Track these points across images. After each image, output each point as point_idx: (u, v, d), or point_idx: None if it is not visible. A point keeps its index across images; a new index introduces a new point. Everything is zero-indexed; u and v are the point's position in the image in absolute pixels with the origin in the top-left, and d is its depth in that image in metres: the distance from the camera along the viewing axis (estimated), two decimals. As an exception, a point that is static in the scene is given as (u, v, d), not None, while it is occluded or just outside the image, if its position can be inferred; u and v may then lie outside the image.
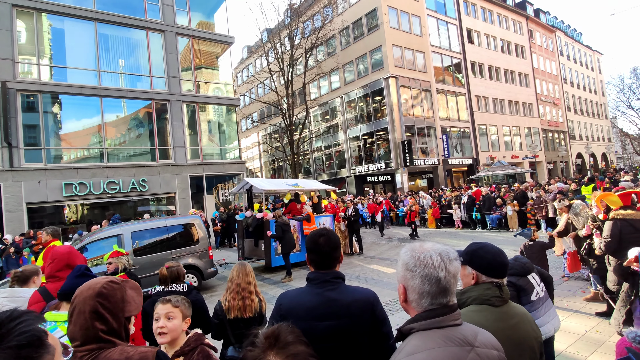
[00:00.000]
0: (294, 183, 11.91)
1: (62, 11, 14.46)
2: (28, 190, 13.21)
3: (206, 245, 8.31)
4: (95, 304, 1.31)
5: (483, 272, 1.61)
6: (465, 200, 14.90)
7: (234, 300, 2.79)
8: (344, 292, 1.62)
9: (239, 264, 3.01)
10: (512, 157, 30.84)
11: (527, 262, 2.87)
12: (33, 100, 13.88)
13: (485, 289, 1.55)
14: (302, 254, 9.95)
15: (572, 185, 13.33)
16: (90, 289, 1.35)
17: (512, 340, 1.41)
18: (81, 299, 1.33)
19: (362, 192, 26.38)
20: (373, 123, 25.52)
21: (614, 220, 4.17)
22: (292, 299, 1.65)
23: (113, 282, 1.40)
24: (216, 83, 19.51)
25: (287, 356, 0.91)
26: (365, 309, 1.58)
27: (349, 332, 1.53)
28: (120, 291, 1.40)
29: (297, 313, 1.55)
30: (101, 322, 1.31)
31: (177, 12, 17.47)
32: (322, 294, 1.59)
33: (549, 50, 39.44)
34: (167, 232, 7.96)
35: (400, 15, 25.57)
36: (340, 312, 1.55)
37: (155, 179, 15.85)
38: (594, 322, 4.70)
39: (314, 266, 1.70)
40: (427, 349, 1.07)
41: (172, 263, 3.28)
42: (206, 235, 8.43)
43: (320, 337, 1.50)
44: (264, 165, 38.21)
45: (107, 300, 1.34)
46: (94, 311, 1.31)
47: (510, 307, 1.56)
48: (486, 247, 1.66)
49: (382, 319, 1.61)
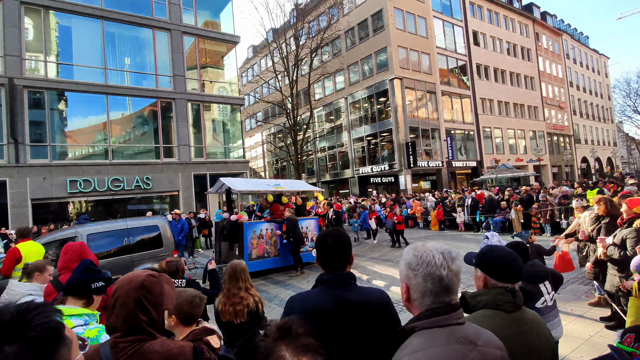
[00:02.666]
0: (276, 184, 11.29)
1: (69, 9, 14.59)
2: (33, 187, 13.32)
3: (171, 249, 7.81)
4: (138, 296, 1.34)
5: (492, 276, 1.57)
6: (469, 202, 14.85)
7: (225, 306, 2.79)
8: (359, 293, 1.59)
9: (230, 265, 2.96)
10: (516, 160, 30.70)
11: (542, 269, 2.79)
12: (39, 97, 14.00)
13: (498, 293, 1.51)
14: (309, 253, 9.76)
15: (578, 189, 13.25)
16: (132, 281, 1.37)
17: (525, 348, 1.38)
18: (124, 291, 1.35)
19: (365, 193, 26.36)
20: (377, 124, 25.51)
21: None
22: (306, 302, 1.59)
23: (153, 275, 1.43)
24: (221, 82, 19.59)
25: (298, 347, 0.93)
26: (381, 308, 1.57)
27: (367, 333, 1.52)
28: (160, 284, 1.42)
29: (314, 316, 1.49)
30: (144, 313, 1.34)
31: (184, 11, 17.56)
32: (338, 295, 1.55)
33: (555, 53, 39.23)
34: (127, 235, 7.39)
35: (406, 17, 25.55)
36: (358, 314, 1.53)
37: (159, 176, 15.93)
38: (598, 327, 4.67)
39: (326, 267, 1.66)
40: (430, 347, 1.07)
41: (172, 258, 3.28)
42: (172, 239, 7.93)
43: (339, 339, 1.49)
44: (268, 164, 38.30)
45: (149, 292, 1.37)
46: (138, 302, 1.33)
47: (523, 313, 1.52)
48: (497, 251, 1.62)
49: (396, 317, 1.61)
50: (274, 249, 9.49)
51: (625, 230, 4.07)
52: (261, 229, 9.38)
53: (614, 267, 4.24)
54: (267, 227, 9.48)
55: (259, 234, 9.29)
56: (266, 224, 9.54)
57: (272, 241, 9.44)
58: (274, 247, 9.50)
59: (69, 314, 1.76)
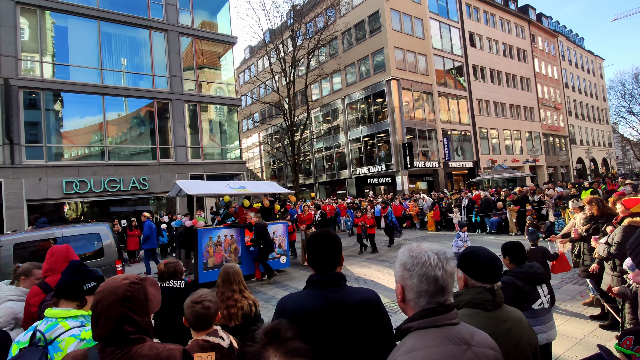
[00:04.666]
0: (241, 186, 10.36)
1: (65, 9, 14.51)
2: (29, 188, 13.23)
3: (113, 258, 7.11)
4: (122, 310, 1.31)
5: (472, 276, 1.61)
6: (466, 203, 14.91)
7: (219, 309, 2.77)
8: (348, 293, 1.61)
9: (223, 269, 2.95)
10: (512, 161, 30.85)
11: (541, 272, 2.81)
12: (35, 97, 13.92)
13: (478, 292, 1.56)
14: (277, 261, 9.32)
15: (572, 190, 13.33)
16: (113, 294, 1.33)
17: (504, 345, 1.40)
18: (105, 305, 1.31)
19: (362, 194, 26.39)
20: (374, 125, 25.55)
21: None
22: (295, 302, 1.61)
23: (134, 282, 1.39)
24: (218, 83, 19.55)
25: (287, 351, 0.92)
26: (371, 309, 1.58)
27: (357, 333, 1.53)
28: (142, 291, 1.39)
29: (303, 317, 1.51)
30: (130, 324, 1.31)
31: (180, 12, 17.53)
32: (326, 296, 1.57)
33: (551, 54, 39.48)
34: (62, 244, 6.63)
35: (402, 18, 25.62)
36: (347, 314, 1.53)
37: (156, 177, 15.87)
38: (592, 327, 4.71)
39: (316, 268, 1.67)
40: (424, 347, 1.08)
41: (171, 259, 3.27)
42: (114, 247, 7.24)
43: (328, 340, 1.50)
44: (265, 165, 38.25)
45: (133, 302, 1.34)
46: (122, 315, 1.30)
47: (503, 311, 1.56)
48: (478, 252, 1.66)
49: (386, 317, 1.62)
50: (235, 257, 8.79)
51: (617, 229, 4.14)
52: (219, 235, 8.64)
53: (608, 265, 4.29)
54: (227, 233, 8.75)
55: (217, 240, 8.56)
56: (226, 229, 8.84)
57: (232, 248, 8.67)
58: (234, 254, 8.79)
59: (65, 316, 1.75)
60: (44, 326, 1.71)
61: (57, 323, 1.72)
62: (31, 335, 1.68)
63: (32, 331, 1.70)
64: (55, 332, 1.68)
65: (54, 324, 1.72)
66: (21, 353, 1.62)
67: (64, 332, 1.69)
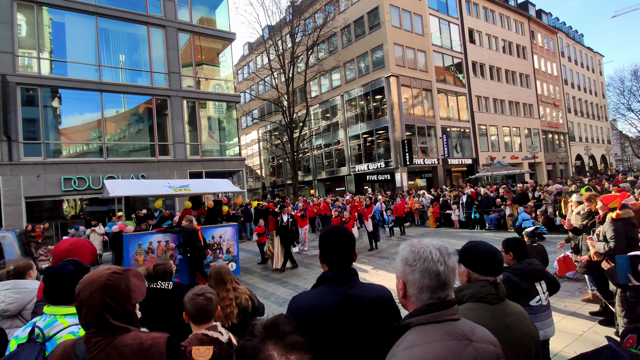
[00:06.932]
0: (183, 185, 9.21)
1: (63, 5, 14.41)
2: (27, 185, 13.19)
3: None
4: (102, 297, 1.33)
5: (475, 270, 1.63)
6: (465, 200, 14.92)
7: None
8: (363, 289, 1.60)
9: (213, 269, 2.89)
10: (511, 158, 30.87)
11: (540, 269, 2.82)
12: (33, 94, 13.84)
13: (481, 286, 1.57)
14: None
15: (572, 186, 13.36)
16: (94, 282, 1.36)
17: (507, 339, 1.42)
18: (87, 294, 1.34)
19: (361, 190, 26.39)
20: (373, 122, 25.52)
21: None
22: (311, 300, 1.57)
23: (116, 272, 1.41)
24: (217, 79, 19.48)
25: (286, 345, 0.92)
26: (386, 303, 1.59)
27: (373, 328, 1.53)
28: (125, 281, 1.41)
29: (321, 314, 1.50)
30: (110, 312, 1.34)
31: (179, 8, 17.43)
32: (344, 292, 1.55)
33: (550, 51, 39.42)
34: None
35: (402, 14, 25.53)
36: (364, 309, 1.53)
37: (155, 174, 15.84)
38: (591, 323, 4.72)
39: (330, 265, 1.65)
40: (425, 342, 1.08)
41: (160, 260, 3.18)
42: (19, 254, 6.62)
43: (346, 335, 1.49)
44: (264, 162, 38.21)
45: (114, 291, 1.36)
46: (102, 302, 1.33)
47: (506, 305, 1.57)
48: (479, 246, 1.67)
49: (399, 312, 1.62)
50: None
51: (605, 224, 4.31)
52: (150, 241, 7.85)
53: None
54: (161, 239, 7.95)
55: (147, 247, 7.77)
56: (159, 235, 8.05)
57: (166, 256, 7.83)
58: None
59: (64, 313, 1.75)
60: (43, 322, 1.71)
61: (56, 320, 1.72)
62: (30, 331, 1.68)
63: (30, 327, 1.70)
64: (54, 328, 1.69)
65: (53, 320, 1.72)
66: (20, 349, 1.61)
67: (63, 329, 1.69)
